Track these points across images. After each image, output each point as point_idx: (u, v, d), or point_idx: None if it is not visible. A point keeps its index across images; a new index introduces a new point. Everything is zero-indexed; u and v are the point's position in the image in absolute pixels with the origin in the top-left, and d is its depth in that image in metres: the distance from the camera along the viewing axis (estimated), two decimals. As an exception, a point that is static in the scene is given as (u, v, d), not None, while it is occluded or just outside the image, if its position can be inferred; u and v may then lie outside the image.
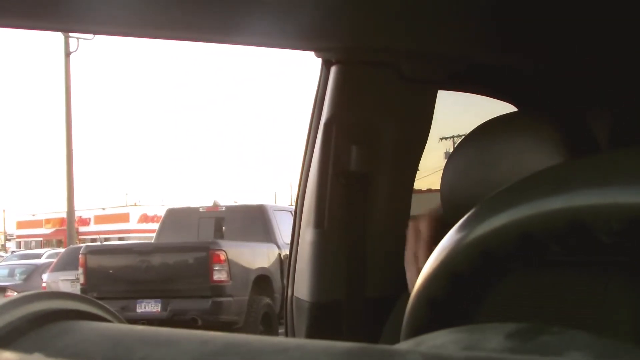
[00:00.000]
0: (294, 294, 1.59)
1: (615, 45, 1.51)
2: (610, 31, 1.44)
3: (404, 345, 0.40)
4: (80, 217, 37.24)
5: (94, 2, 1.21)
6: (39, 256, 20.32)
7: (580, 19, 1.39)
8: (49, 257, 18.90)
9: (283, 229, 10.63)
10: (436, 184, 1.22)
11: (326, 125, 1.53)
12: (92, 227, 39.11)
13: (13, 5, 1.19)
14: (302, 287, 1.57)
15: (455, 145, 1.15)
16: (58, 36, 21.82)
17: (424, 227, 1.23)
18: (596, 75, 1.70)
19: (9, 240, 46.04)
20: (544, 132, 1.07)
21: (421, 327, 0.48)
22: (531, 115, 1.16)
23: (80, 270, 10.25)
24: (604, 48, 1.54)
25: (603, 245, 0.39)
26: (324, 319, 1.54)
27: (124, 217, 39.57)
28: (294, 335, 1.58)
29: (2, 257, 24.84)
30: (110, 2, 1.22)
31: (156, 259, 9.89)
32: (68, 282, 13.18)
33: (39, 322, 0.38)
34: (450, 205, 1.15)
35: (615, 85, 1.71)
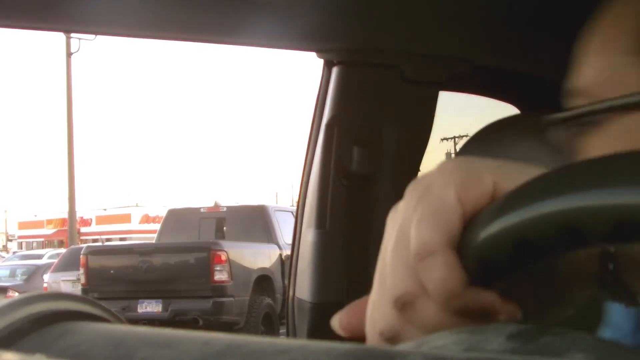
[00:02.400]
0: (296, 295, 1.59)
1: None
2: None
3: (405, 347, 0.40)
4: (82, 217, 37.26)
5: (96, 3, 1.21)
6: (40, 257, 20.34)
7: (582, 20, 1.39)
8: (51, 257, 18.91)
9: (284, 230, 10.64)
10: (438, 185, 1.22)
11: (328, 126, 1.53)
12: (94, 228, 39.11)
13: (15, 6, 1.19)
14: (303, 288, 1.57)
15: (457, 145, 1.15)
16: (59, 37, 21.85)
17: None
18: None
19: (11, 240, 46.05)
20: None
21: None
22: (535, 117, 1.16)
23: (82, 270, 10.27)
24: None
25: (593, 246, 0.40)
26: (326, 320, 1.54)
27: (126, 218, 39.58)
28: (295, 336, 1.58)
29: (4, 257, 24.86)
30: (112, 3, 1.22)
31: (157, 260, 9.90)
32: (69, 282, 13.20)
33: (41, 323, 0.38)
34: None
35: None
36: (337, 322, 0.53)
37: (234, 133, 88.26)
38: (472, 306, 0.43)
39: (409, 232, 0.45)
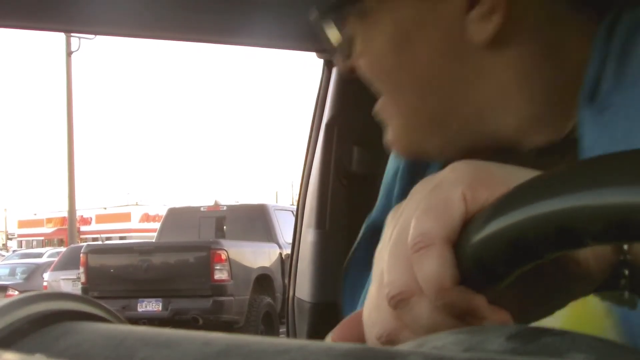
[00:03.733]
0: (296, 295, 1.60)
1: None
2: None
3: (405, 347, 0.40)
4: (82, 216, 37.22)
5: (96, 3, 1.21)
6: (40, 255, 20.35)
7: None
8: (50, 256, 18.92)
9: (284, 229, 10.64)
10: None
11: (327, 125, 1.53)
12: (94, 227, 39.06)
13: (15, 6, 1.19)
14: (303, 287, 1.57)
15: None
16: (60, 35, 21.86)
17: None
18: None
19: (11, 239, 46.03)
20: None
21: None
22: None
23: (82, 269, 10.27)
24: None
25: (586, 246, 0.40)
26: (325, 320, 1.54)
27: (126, 217, 39.55)
28: (295, 336, 1.58)
29: (4, 256, 24.86)
30: (112, 3, 1.22)
31: (157, 259, 9.91)
32: (69, 281, 13.21)
33: (41, 323, 0.38)
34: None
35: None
36: (331, 338, 0.52)
37: (234, 132, 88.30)
38: (460, 306, 0.43)
39: (409, 228, 0.44)
